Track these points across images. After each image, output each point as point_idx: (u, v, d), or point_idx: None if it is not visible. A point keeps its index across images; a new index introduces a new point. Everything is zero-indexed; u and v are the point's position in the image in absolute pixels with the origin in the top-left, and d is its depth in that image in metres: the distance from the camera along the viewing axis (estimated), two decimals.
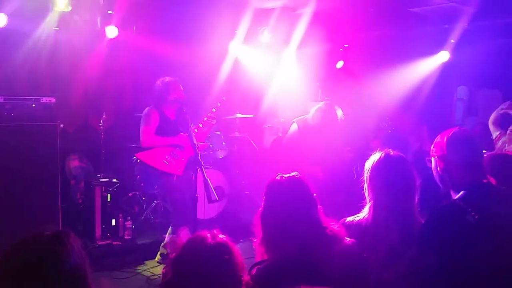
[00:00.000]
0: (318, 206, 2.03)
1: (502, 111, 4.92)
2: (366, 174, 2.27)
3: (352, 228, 2.21)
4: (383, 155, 2.25)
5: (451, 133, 2.09)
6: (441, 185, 2.14)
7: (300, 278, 1.83)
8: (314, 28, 5.82)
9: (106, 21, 5.27)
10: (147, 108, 4.34)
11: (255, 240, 2.07)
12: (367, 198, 2.25)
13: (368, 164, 2.28)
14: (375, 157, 2.28)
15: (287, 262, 1.89)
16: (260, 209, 2.06)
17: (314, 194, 2.08)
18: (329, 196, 3.83)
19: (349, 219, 2.30)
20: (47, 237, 1.34)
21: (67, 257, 1.31)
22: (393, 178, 2.18)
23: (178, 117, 4.43)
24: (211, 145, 6.00)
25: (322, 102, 4.57)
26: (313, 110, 4.53)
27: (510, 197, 2.13)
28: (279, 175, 2.08)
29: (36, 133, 4.40)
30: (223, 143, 6.13)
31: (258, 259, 2.02)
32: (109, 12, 5.27)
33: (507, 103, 4.96)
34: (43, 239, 1.33)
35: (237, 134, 6.39)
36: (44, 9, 4.82)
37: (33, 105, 4.49)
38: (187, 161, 4.33)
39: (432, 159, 2.16)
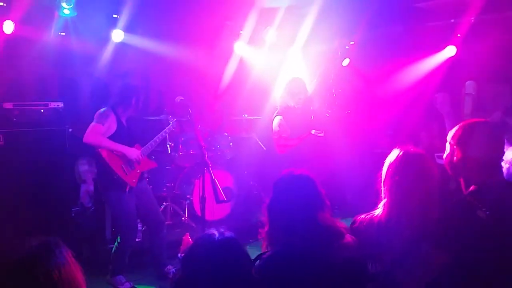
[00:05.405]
0: (325, 204, 2.04)
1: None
2: (383, 171, 2.20)
3: (364, 226, 2.17)
4: (401, 153, 2.15)
5: (475, 126, 2.02)
6: (450, 171, 2.10)
7: (300, 271, 1.87)
8: (319, 26, 5.81)
9: (112, 25, 5.31)
10: (104, 108, 3.93)
11: (262, 230, 2.10)
12: (383, 195, 2.18)
13: (386, 161, 2.20)
14: (393, 154, 2.19)
15: (288, 255, 1.93)
16: (267, 201, 2.10)
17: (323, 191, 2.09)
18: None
19: (362, 216, 2.25)
20: (35, 245, 1.33)
21: (54, 264, 1.30)
22: (410, 177, 2.07)
23: (129, 124, 4.09)
24: (218, 146, 6.02)
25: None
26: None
27: None
28: (288, 171, 2.11)
29: (45, 138, 4.43)
30: (230, 144, 6.13)
31: (263, 250, 2.05)
32: (114, 16, 5.32)
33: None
34: (30, 247, 1.32)
35: (244, 134, 6.39)
36: (50, 15, 4.87)
37: (42, 111, 4.53)
38: (141, 175, 4.08)
39: (448, 145, 2.10)
